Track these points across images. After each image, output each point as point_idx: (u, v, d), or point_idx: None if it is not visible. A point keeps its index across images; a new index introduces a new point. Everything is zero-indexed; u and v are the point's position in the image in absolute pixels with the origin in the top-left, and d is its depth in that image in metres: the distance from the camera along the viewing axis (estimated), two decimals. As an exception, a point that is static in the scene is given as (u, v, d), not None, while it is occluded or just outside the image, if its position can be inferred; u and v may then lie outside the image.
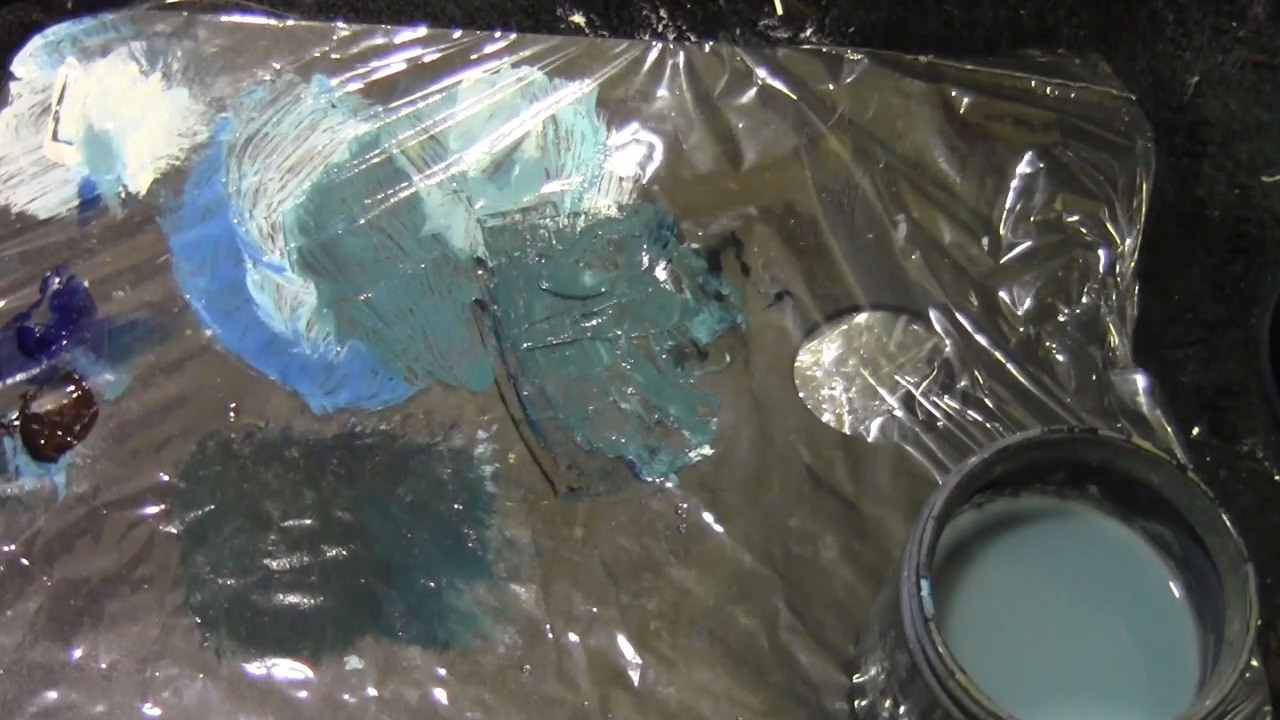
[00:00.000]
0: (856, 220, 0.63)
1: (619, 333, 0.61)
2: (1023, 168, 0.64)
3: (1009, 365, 0.59)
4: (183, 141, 0.65)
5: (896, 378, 0.60)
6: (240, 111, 0.66)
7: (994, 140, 0.65)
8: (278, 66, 0.67)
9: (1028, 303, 0.61)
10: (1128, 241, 0.62)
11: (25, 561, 0.56)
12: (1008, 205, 0.63)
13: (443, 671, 0.54)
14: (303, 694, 0.54)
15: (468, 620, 0.55)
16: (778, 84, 0.66)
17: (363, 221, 0.63)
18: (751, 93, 0.66)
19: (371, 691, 0.54)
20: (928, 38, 0.69)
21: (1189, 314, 0.62)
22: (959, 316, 0.61)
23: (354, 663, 0.55)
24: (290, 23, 0.68)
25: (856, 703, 0.52)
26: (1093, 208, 0.63)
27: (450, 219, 0.64)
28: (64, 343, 0.61)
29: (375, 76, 0.67)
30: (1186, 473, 0.43)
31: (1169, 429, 0.58)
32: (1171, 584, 0.46)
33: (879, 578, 0.55)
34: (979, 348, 0.60)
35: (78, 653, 0.55)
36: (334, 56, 0.67)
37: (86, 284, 0.62)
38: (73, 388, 0.60)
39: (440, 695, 0.54)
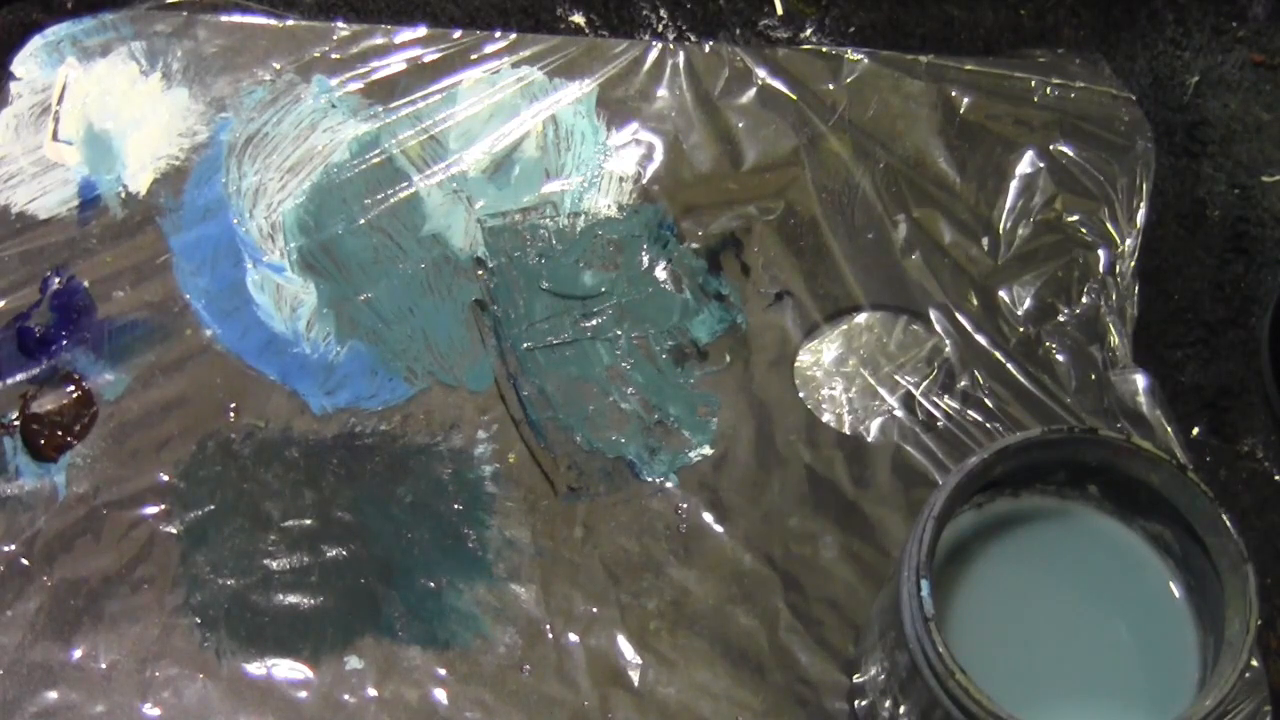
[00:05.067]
0: (856, 220, 0.63)
1: (619, 333, 0.61)
2: (1023, 168, 0.64)
3: (1009, 365, 0.59)
4: (183, 141, 0.65)
5: (896, 378, 0.60)
6: (240, 111, 0.66)
7: (994, 140, 0.65)
8: (278, 66, 0.67)
9: (1028, 303, 0.61)
10: (1128, 241, 0.62)
11: (25, 561, 0.56)
12: (1008, 205, 0.63)
13: (443, 671, 0.54)
14: (303, 694, 0.54)
15: (468, 620, 0.55)
16: (778, 84, 0.66)
17: (363, 222, 0.63)
18: (751, 93, 0.66)
19: (371, 691, 0.54)
20: (928, 38, 0.69)
21: (1189, 314, 0.62)
22: (959, 316, 0.61)
23: (354, 663, 0.55)
24: (290, 23, 0.68)
25: (856, 703, 0.52)
26: (1093, 208, 0.63)
27: (450, 219, 0.64)
28: (64, 343, 0.61)
29: (375, 76, 0.67)
30: (1186, 473, 0.43)
31: (1169, 429, 0.58)
32: (1171, 584, 0.46)
33: (879, 578, 0.55)
34: (979, 348, 0.60)
35: (78, 653, 0.55)
36: (334, 56, 0.67)
37: (86, 284, 0.62)
38: (73, 388, 0.60)
39: (440, 695, 0.54)
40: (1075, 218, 0.62)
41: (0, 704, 0.54)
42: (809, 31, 0.69)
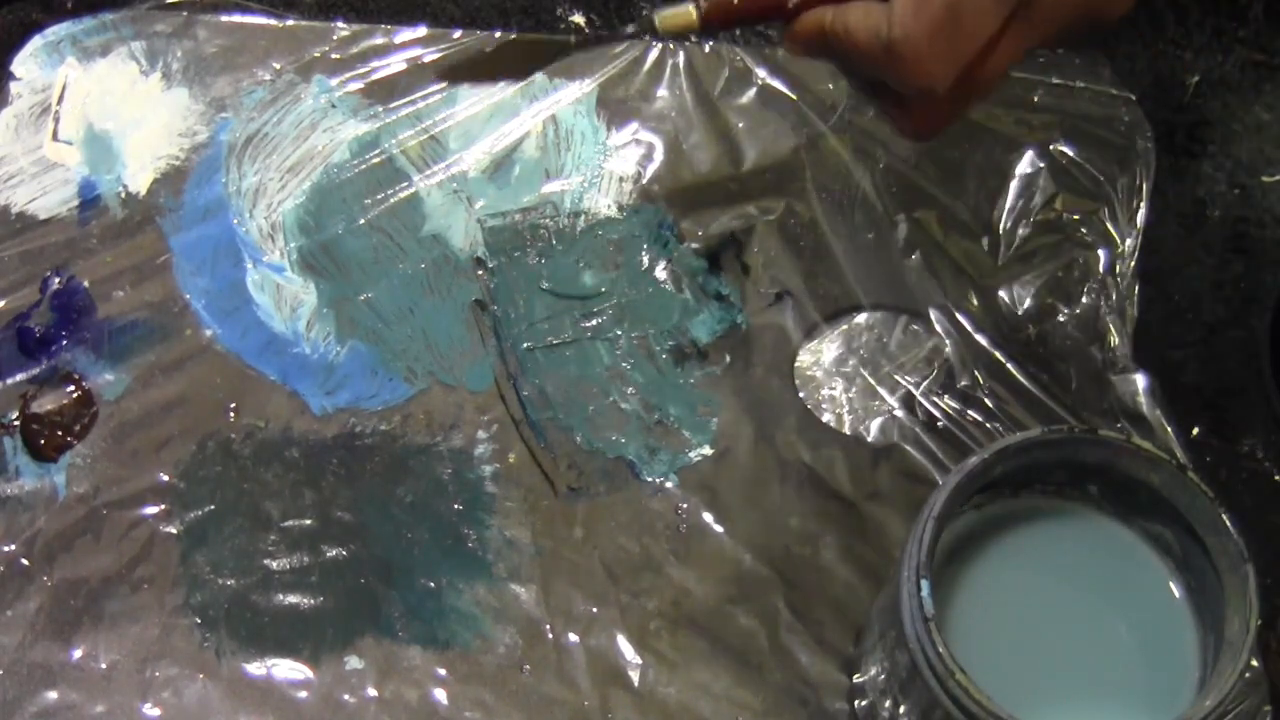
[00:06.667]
0: (856, 220, 0.63)
1: (619, 333, 0.61)
2: (1023, 168, 0.64)
3: (1009, 365, 0.59)
4: (183, 141, 0.65)
5: (896, 378, 0.60)
6: (240, 111, 0.66)
7: (994, 140, 0.65)
8: (278, 66, 0.67)
9: (1028, 303, 0.61)
10: (1128, 241, 0.62)
11: (25, 561, 0.56)
12: (1008, 205, 0.63)
13: (443, 671, 0.54)
14: (303, 694, 0.54)
15: (468, 620, 0.55)
16: (778, 84, 0.66)
17: (363, 222, 0.63)
18: (751, 93, 0.66)
19: (371, 691, 0.54)
20: (928, 38, 0.69)
21: (1189, 314, 0.62)
22: (959, 316, 0.61)
23: (354, 663, 0.55)
24: (290, 23, 0.68)
25: (856, 703, 0.52)
26: (1093, 208, 0.63)
27: (450, 219, 0.64)
28: (64, 343, 0.61)
29: (375, 76, 0.67)
30: (1186, 473, 0.43)
31: (1169, 429, 0.58)
32: (1171, 584, 0.46)
33: (879, 578, 0.55)
34: (979, 348, 0.60)
35: (78, 653, 0.55)
36: (334, 56, 0.67)
37: (86, 284, 0.62)
38: (73, 388, 0.60)
39: (440, 695, 0.54)
40: (1075, 218, 0.62)
41: (0, 704, 0.54)
42: (809, 31, 0.69)
